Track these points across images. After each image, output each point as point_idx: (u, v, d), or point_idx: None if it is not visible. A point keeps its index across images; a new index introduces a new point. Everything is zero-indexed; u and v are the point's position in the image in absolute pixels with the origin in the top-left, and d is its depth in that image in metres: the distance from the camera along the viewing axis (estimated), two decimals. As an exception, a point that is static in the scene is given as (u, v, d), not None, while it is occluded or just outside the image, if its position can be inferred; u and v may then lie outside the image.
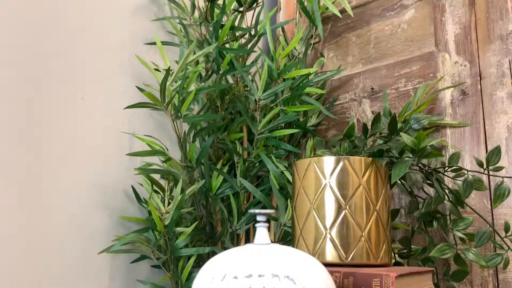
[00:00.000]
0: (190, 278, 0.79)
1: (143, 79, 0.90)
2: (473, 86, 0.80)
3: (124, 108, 0.80)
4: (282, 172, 0.82)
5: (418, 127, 0.67)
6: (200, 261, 0.83)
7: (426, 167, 0.66)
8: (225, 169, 0.89)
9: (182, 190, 0.79)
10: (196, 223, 0.80)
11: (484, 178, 0.76)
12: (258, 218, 0.41)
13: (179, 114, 0.80)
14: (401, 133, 0.61)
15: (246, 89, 0.95)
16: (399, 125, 0.66)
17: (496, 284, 0.74)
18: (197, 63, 0.87)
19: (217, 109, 0.92)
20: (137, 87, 0.80)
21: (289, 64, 0.89)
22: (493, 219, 0.75)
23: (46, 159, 0.70)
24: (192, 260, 0.79)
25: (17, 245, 0.63)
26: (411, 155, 0.61)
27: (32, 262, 0.65)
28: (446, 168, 0.65)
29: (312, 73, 0.91)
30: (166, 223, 0.76)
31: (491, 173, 0.63)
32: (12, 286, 0.62)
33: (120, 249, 0.78)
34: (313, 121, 0.96)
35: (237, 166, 0.87)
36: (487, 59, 0.79)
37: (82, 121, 0.77)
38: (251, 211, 0.40)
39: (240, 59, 0.93)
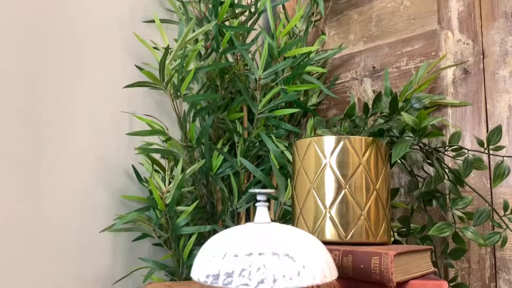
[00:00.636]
0: (192, 255, 0.80)
1: (142, 58, 0.89)
2: (476, 65, 0.79)
3: (123, 88, 0.79)
4: (282, 152, 0.82)
5: (419, 106, 0.66)
6: (201, 239, 0.84)
7: (427, 147, 0.66)
8: (226, 149, 0.89)
9: (183, 170, 0.79)
10: (197, 202, 0.80)
11: (484, 157, 0.76)
12: (258, 197, 0.41)
13: (178, 93, 0.80)
14: (402, 113, 0.60)
15: (246, 68, 0.94)
16: (400, 104, 0.66)
17: (493, 261, 0.75)
18: (196, 41, 0.86)
19: (217, 88, 0.91)
20: (136, 65, 0.79)
21: (290, 42, 0.88)
22: (492, 198, 0.76)
23: (46, 138, 0.70)
24: (193, 238, 0.80)
25: (18, 225, 0.64)
26: (411, 135, 0.61)
27: (33, 241, 0.66)
28: (447, 148, 0.65)
29: (313, 51, 0.90)
30: (167, 202, 0.76)
31: (491, 152, 0.63)
32: (15, 265, 0.63)
33: (122, 228, 0.78)
34: (313, 100, 0.96)
35: (237, 146, 0.87)
36: (491, 37, 0.78)
37: (81, 101, 0.77)
38: (251, 190, 0.41)
39: (240, 37, 0.92)
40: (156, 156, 0.87)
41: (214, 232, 0.83)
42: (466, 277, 0.76)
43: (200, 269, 0.37)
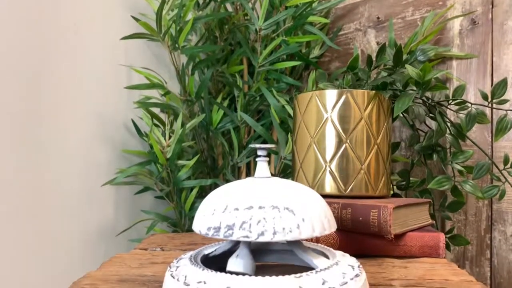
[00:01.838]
0: (193, 208, 0.81)
1: (138, 8, 0.86)
2: (484, 15, 0.76)
3: (120, 39, 0.77)
4: (283, 106, 0.81)
5: (424, 58, 0.64)
6: (203, 192, 0.85)
7: (430, 100, 0.65)
8: (225, 103, 0.87)
9: (183, 124, 0.78)
10: (197, 156, 0.80)
11: (487, 111, 0.75)
12: (259, 152, 0.41)
13: (176, 45, 0.78)
14: (406, 65, 0.59)
15: (246, 18, 0.91)
16: (404, 56, 0.64)
17: (490, 213, 0.76)
18: (194, -10, 0.83)
19: (216, 40, 0.88)
20: (132, 16, 0.76)
21: (292, -10, 0.84)
22: (492, 152, 0.76)
23: (45, 94, 0.68)
24: (194, 191, 0.81)
25: (21, 182, 0.64)
26: (415, 88, 0.60)
27: (37, 197, 0.67)
28: (450, 101, 0.64)
29: (316, 0, 0.86)
30: (168, 156, 0.76)
31: (495, 106, 0.62)
32: (20, 220, 0.64)
33: (123, 181, 0.79)
34: (315, 52, 0.93)
35: (238, 100, 0.86)
36: (502, -15, 0.75)
37: (77, 54, 0.75)
38: (252, 145, 0.40)
39: (240, -15, 0.88)
40: (156, 110, 0.86)
41: (215, 185, 0.84)
42: (462, 228, 0.78)
43: (201, 222, 0.37)
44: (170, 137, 0.78)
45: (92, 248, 0.77)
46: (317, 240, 0.52)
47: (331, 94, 0.59)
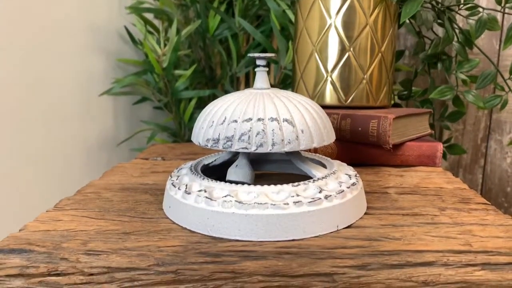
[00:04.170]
0: (193, 118, 0.81)
1: None
2: None
3: None
4: (284, 11, 0.76)
5: (438, -43, 0.59)
6: (201, 102, 0.84)
7: (439, 5, 0.61)
8: (223, 8, 0.82)
9: (178, 31, 0.75)
10: (194, 65, 0.78)
11: (499, 17, 0.71)
12: (258, 62, 0.39)
13: None
14: (418, -35, 0.54)
15: None
16: (416, -46, 0.59)
17: (489, 123, 0.76)
18: None
19: None
20: None
21: None
22: (498, 61, 0.74)
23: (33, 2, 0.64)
24: (193, 102, 0.80)
25: (19, 95, 0.63)
26: (425, -9, 0.56)
27: (35, 110, 0.66)
28: (461, 6, 0.60)
29: None
30: (164, 65, 0.74)
31: (507, 11, 0.58)
32: (17, 126, 0.64)
33: (120, 91, 0.78)
34: (319, -50, 0.85)
35: (235, 4, 0.81)
36: None
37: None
38: (251, 54, 0.38)
39: None
40: (149, 16, 0.81)
41: (214, 96, 0.83)
42: (459, 138, 0.79)
43: (200, 133, 0.37)
44: (165, 45, 0.75)
45: (94, 158, 0.79)
46: (315, 150, 0.52)
47: (335, -2, 0.55)
